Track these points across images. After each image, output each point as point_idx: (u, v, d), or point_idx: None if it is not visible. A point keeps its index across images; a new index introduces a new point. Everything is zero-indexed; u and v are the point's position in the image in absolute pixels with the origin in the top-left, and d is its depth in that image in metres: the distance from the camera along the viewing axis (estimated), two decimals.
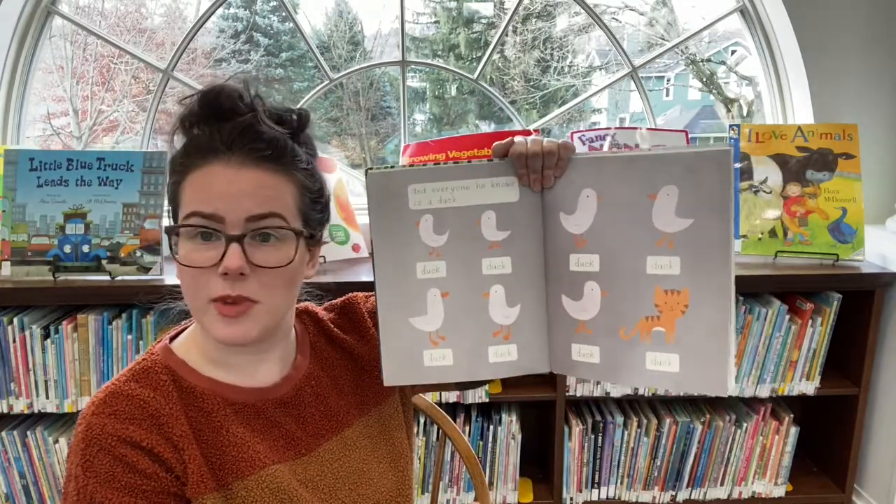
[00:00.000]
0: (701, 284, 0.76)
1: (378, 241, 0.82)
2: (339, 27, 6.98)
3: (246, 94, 0.76)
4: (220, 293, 0.72)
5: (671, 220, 0.77)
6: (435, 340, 0.84)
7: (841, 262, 1.88)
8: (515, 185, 0.81)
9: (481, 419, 1.94)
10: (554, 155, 0.79)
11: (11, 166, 1.78)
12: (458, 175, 0.81)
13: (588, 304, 0.82)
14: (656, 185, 0.77)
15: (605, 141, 2.04)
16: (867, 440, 2.00)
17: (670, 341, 0.78)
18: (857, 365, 1.91)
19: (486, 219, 0.82)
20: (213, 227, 0.72)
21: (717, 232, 0.75)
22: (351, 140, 6.95)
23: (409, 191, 0.81)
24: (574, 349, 0.84)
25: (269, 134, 0.75)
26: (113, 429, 0.71)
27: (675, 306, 0.78)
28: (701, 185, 0.75)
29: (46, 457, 1.83)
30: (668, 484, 1.99)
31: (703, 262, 0.76)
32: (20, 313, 1.77)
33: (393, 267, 0.83)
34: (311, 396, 0.84)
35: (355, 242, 2.02)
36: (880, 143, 2.14)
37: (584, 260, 0.81)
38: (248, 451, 0.77)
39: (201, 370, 0.79)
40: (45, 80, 5.37)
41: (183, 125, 0.76)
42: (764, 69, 2.29)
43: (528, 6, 6.61)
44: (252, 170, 0.73)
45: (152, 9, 6.01)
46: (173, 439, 0.73)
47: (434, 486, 1.24)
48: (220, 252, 0.71)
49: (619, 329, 0.81)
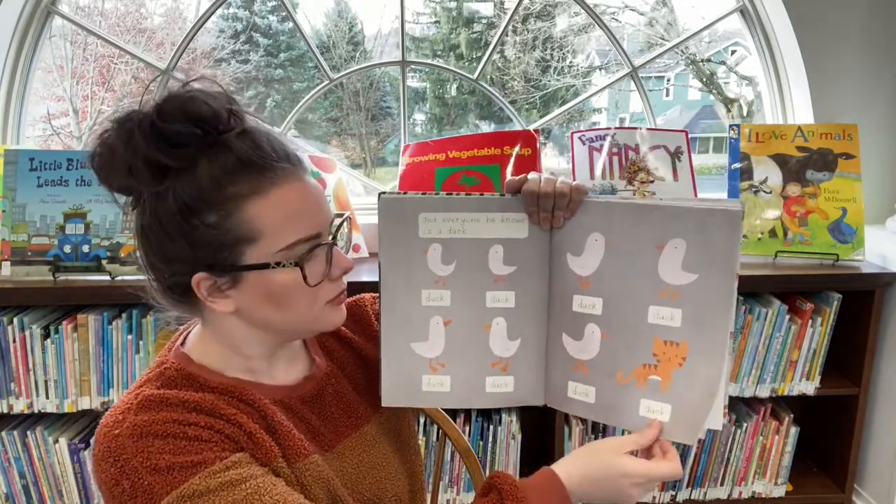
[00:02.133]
0: (700, 339, 0.77)
1: (385, 265, 0.84)
2: (339, 27, 6.97)
3: (222, 106, 0.72)
4: (340, 289, 0.78)
5: (677, 273, 0.77)
6: (434, 367, 0.86)
7: (841, 262, 1.88)
8: (525, 221, 0.82)
9: (481, 419, 1.94)
10: (565, 196, 0.79)
11: (11, 166, 1.78)
12: (469, 207, 0.82)
13: (588, 345, 0.83)
14: (665, 237, 0.77)
15: (605, 141, 2.04)
16: (867, 440, 2.00)
17: (665, 390, 0.79)
18: (857, 365, 1.91)
19: (494, 252, 0.83)
20: (317, 242, 0.73)
21: (720, 289, 0.75)
22: (351, 140, 6.94)
23: (420, 219, 0.82)
24: (571, 386, 0.85)
25: (284, 141, 0.75)
26: (165, 417, 0.69)
27: (673, 357, 0.78)
28: (709, 242, 0.75)
29: (46, 457, 1.83)
30: (667, 484, 1.99)
31: (704, 317, 0.76)
32: (20, 313, 1.77)
33: (398, 291, 0.84)
34: (332, 395, 0.85)
35: (355, 243, 2.02)
36: (880, 143, 2.14)
37: (587, 302, 0.82)
38: (294, 438, 0.77)
39: (225, 373, 0.78)
40: (45, 80, 5.36)
41: (193, 150, 0.69)
42: (764, 69, 2.28)
43: (528, 6, 6.61)
44: (306, 176, 0.75)
45: (152, 9, 6.01)
46: (228, 418, 0.72)
47: (434, 486, 1.24)
48: (324, 260, 0.74)
49: (617, 373, 0.82)
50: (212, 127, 0.69)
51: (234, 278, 0.72)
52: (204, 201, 0.69)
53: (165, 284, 0.75)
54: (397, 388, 0.86)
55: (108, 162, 0.69)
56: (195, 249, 0.70)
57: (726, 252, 0.74)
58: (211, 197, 0.69)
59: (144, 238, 0.73)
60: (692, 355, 0.78)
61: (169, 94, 0.69)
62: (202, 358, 0.78)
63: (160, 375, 0.76)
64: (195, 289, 0.72)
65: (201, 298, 0.73)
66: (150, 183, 0.69)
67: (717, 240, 0.74)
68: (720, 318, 0.76)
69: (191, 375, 0.76)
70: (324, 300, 0.76)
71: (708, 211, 0.75)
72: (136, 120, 0.68)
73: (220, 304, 0.74)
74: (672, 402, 0.79)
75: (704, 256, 0.75)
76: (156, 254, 0.73)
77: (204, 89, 0.70)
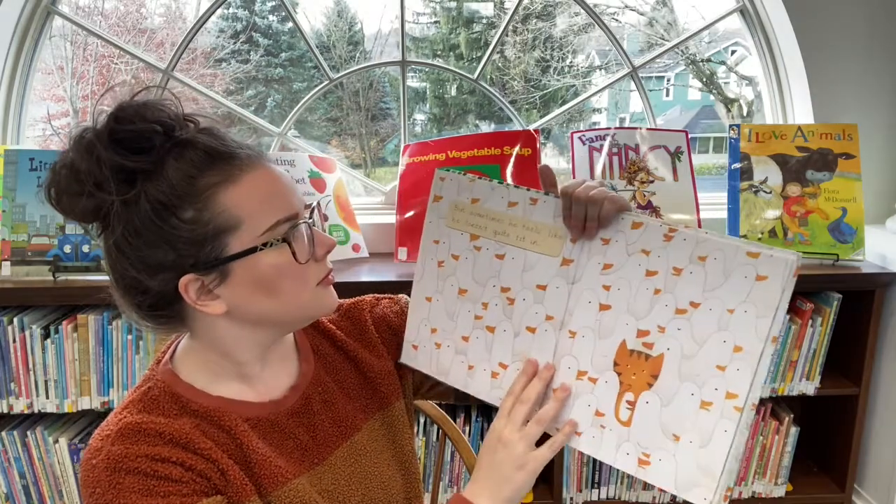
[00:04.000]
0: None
1: (426, 237, 0.89)
2: (338, 27, 6.97)
3: (168, 107, 0.72)
4: (328, 268, 0.78)
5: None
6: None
7: (841, 262, 1.88)
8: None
9: (481, 419, 1.94)
10: (597, 205, 0.75)
11: (11, 166, 1.78)
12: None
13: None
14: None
15: (605, 141, 2.04)
16: (867, 440, 2.00)
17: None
18: (857, 365, 1.91)
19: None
20: (296, 222, 0.74)
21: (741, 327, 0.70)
22: (351, 140, 6.94)
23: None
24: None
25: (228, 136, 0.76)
26: (138, 451, 0.68)
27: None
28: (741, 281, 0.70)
29: (46, 457, 1.83)
30: None
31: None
32: (20, 313, 1.77)
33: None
34: (319, 404, 0.83)
35: (355, 242, 2.02)
36: (880, 143, 2.14)
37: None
38: (271, 465, 0.76)
39: (210, 390, 0.77)
40: (45, 80, 5.36)
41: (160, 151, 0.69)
42: (764, 69, 2.28)
43: (528, 6, 6.61)
44: (270, 164, 0.75)
45: (152, 9, 6.01)
46: (202, 453, 0.71)
47: (434, 486, 1.24)
48: (306, 240, 0.74)
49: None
50: (173, 127, 0.70)
51: (222, 273, 0.71)
52: (178, 197, 0.68)
53: (150, 301, 0.72)
54: (412, 350, 0.91)
55: (70, 185, 0.68)
56: (177, 250, 0.69)
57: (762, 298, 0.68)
58: (184, 192, 0.68)
59: (120, 255, 0.70)
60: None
61: (121, 103, 0.69)
62: (190, 374, 0.77)
63: (144, 395, 0.75)
64: (184, 294, 0.70)
65: (191, 303, 0.71)
66: (120, 191, 0.67)
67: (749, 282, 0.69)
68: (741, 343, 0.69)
69: (175, 395, 0.75)
70: (314, 281, 0.76)
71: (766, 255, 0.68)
72: (93, 132, 0.68)
73: (210, 306, 0.72)
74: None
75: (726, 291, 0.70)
76: (136, 267, 0.70)
77: (153, 99, 0.71)
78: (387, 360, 0.92)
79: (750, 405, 0.68)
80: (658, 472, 0.73)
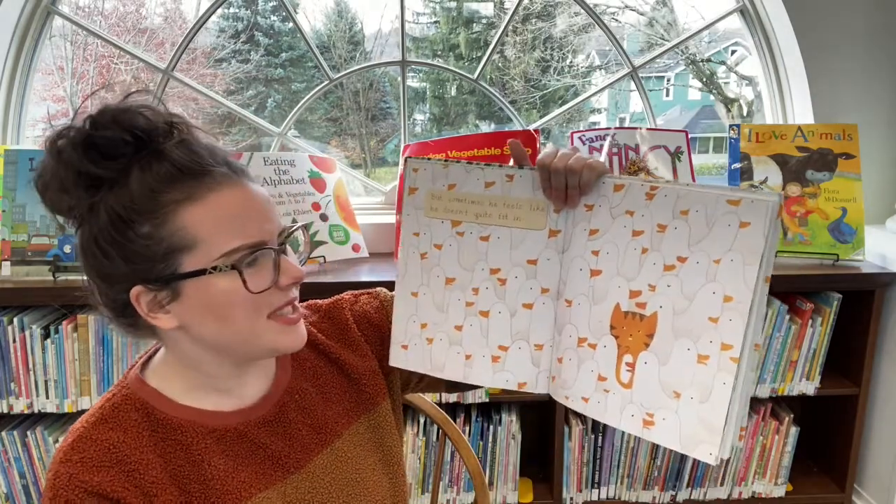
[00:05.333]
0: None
1: (405, 231, 0.86)
2: (339, 27, 6.97)
3: (158, 114, 0.70)
4: (286, 299, 0.73)
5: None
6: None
7: (841, 262, 1.88)
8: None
9: (481, 419, 1.94)
10: (576, 174, 0.75)
11: (11, 166, 1.78)
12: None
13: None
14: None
15: (605, 141, 2.04)
16: (867, 440, 2.00)
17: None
18: (857, 365, 1.91)
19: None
20: (261, 249, 0.71)
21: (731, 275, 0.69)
22: (351, 140, 6.95)
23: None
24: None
25: (217, 147, 0.73)
26: (80, 479, 0.69)
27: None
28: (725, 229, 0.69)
29: (46, 457, 1.83)
30: (668, 484, 1.99)
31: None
32: (20, 313, 1.77)
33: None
34: (295, 411, 0.82)
35: (355, 242, 2.02)
36: (880, 143, 2.14)
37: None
38: (232, 482, 0.74)
39: (179, 399, 0.76)
40: (45, 80, 5.36)
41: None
42: (764, 69, 2.28)
43: (528, 6, 6.61)
44: (248, 184, 0.72)
45: (152, 9, 6.01)
46: (144, 486, 0.71)
47: (434, 486, 1.24)
48: (271, 268, 0.71)
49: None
50: (146, 137, 0.68)
51: (174, 290, 0.69)
52: (136, 211, 0.66)
53: (111, 306, 0.72)
54: (402, 351, 0.88)
55: (47, 182, 0.68)
56: (130, 263, 0.68)
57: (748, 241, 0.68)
58: (143, 206, 0.67)
59: (83, 258, 0.70)
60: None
61: (104, 106, 0.68)
62: (160, 382, 0.77)
63: (107, 402, 0.75)
64: (135, 304, 0.69)
65: (142, 315, 0.70)
66: (84, 197, 0.67)
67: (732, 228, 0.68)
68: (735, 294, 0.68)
69: (140, 403, 0.74)
70: (266, 311, 0.72)
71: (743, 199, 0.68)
72: (67, 134, 0.67)
73: (161, 319, 0.70)
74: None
75: (712, 241, 0.69)
76: (97, 273, 0.70)
77: (144, 103, 0.69)
78: (371, 358, 0.90)
79: (750, 350, 0.68)
80: (663, 432, 0.73)
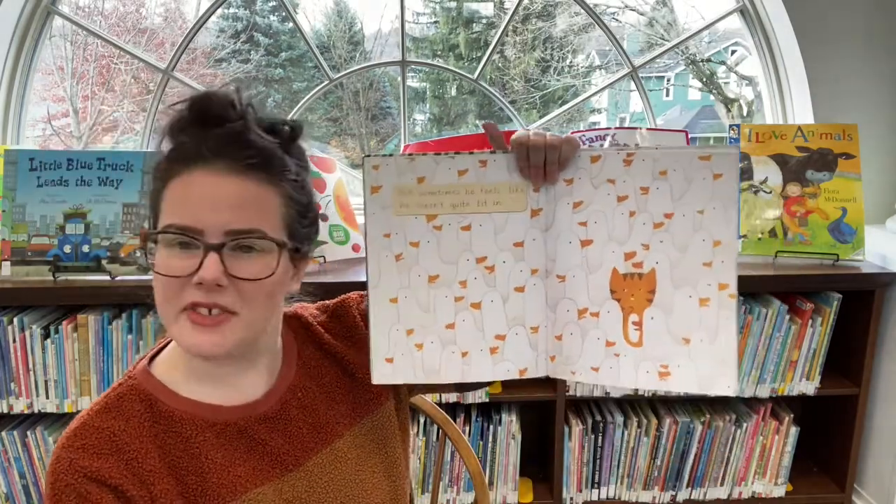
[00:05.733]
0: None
1: (373, 234, 0.82)
2: (338, 27, 6.98)
3: (237, 101, 0.73)
4: (192, 300, 0.70)
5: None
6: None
7: (841, 262, 1.88)
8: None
9: (481, 419, 1.94)
10: (556, 149, 0.77)
11: (11, 166, 1.78)
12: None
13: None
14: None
15: (606, 141, 2.04)
16: (867, 440, 2.00)
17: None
18: (857, 365, 1.91)
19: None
20: (191, 237, 0.69)
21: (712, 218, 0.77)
22: (351, 140, 6.95)
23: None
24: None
25: (258, 143, 0.72)
26: (79, 465, 0.70)
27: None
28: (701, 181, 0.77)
29: (46, 457, 1.83)
30: (668, 484, 1.99)
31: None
32: (20, 313, 1.77)
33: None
34: (297, 409, 0.82)
35: (355, 242, 2.02)
36: (880, 143, 2.14)
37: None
38: (228, 476, 0.75)
39: (181, 391, 0.76)
40: (45, 80, 5.37)
41: (171, 131, 0.74)
42: (764, 69, 2.29)
43: (528, 6, 6.61)
44: (236, 178, 0.71)
45: (152, 9, 6.01)
46: (142, 475, 0.72)
47: (434, 486, 1.24)
48: (198, 261, 0.69)
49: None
50: (200, 118, 0.74)
51: (151, 251, 0.73)
52: (157, 168, 0.75)
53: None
54: (386, 365, 0.82)
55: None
56: (148, 211, 0.76)
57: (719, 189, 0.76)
58: (159, 167, 0.74)
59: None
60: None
61: (207, 89, 0.76)
62: (165, 374, 0.78)
63: (112, 392, 0.76)
64: (140, 243, 0.77)
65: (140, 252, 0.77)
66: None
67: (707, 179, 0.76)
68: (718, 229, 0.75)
69: (144, 394, 0.75)
70: (179, 302, 0.70)
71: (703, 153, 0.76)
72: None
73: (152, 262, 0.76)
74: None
75: (692, 195, 0.76)
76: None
77: (224, 92, 0.75)
78: None
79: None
80: (680, 379, 0.77)
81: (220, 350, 0.72)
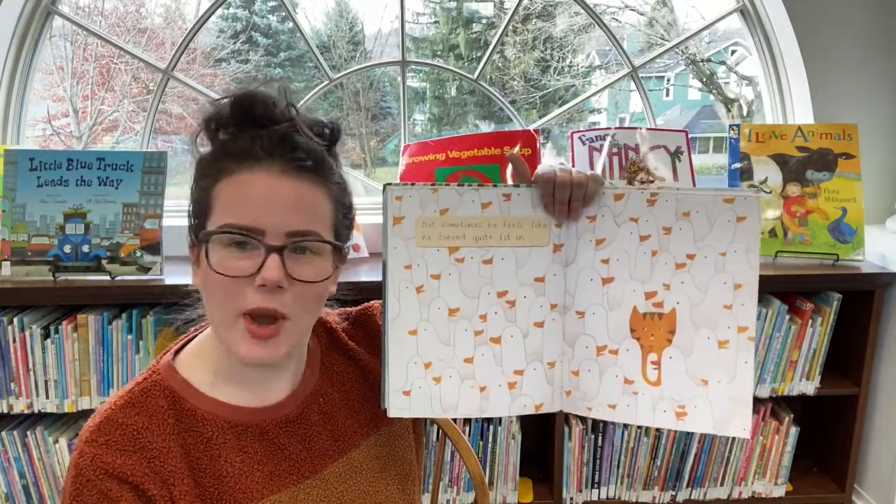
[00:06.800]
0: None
1: (393, 266, 0.79)
2: (339, 27, 6.97)
3: (281, 102, 0.73)
4: (254, 305, 0.69)
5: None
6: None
7: (841, 262, 1.88)
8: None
9: (481, 419, 1.94)
10: (583, 187, 0.77)
11: (11, 166, 1.78)
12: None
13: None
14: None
15: (605, 141, 2.04)
16: (867, 440, 2.00)
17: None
18: (857, 365, 1.91)
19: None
20: (252, 237, 0.69)
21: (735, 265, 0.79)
22: (351, 140, 6.94)
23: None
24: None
25: (307, 144, 0.72)
26: (102, 461, 0.69)
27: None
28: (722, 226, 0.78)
29: (46, 457, 1.83)
30: (668, 484, 1.99)
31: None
32: (20, 313, 1.77)
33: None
34: (317, 415, 0.81)
35: (355, 242, 2.02)
36: (880, 143, 2.14)
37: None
38: (245, 481, 0.74)
39: (205, 391, 0.76)
40: (45, 80, 5.36)
41: (208, 127, 0.73)
42: (764, 69, 2.29)
43: (528, 6, 6.61)
44: (293, 179, 0.71)
45: (152, 9, 6.01)
46: (163, 474, 0.71)
47: (434, 486, 1.24)
48: (258, 262, 0.68)
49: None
50: (251, 119, 0.74)
51: (200, 252, 0.72)
52: (202, 164, 0.74)
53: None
54: (403, 398, 0.80)
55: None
56: (192, 213, 0.75)
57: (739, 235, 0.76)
58: (206, 164, 0.74)
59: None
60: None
61: (248, 87, 0.75)
62: (189, 371, 0.77)
63: (137, 386, 0.75)
64: (189, 247, 0.76)
65: (191, 257, 0.75)
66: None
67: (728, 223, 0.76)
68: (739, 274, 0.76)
69: (168, 390, 0.75)
70: (238, 304, 0.70)
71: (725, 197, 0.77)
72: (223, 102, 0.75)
73: (195, 275, 0.75)
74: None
75: (713, 238, 0.77)
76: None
77: (268, 94, 0.74)
78: None
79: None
80: (696, 420, 0.78)
81: (276, 359, 0.73)
